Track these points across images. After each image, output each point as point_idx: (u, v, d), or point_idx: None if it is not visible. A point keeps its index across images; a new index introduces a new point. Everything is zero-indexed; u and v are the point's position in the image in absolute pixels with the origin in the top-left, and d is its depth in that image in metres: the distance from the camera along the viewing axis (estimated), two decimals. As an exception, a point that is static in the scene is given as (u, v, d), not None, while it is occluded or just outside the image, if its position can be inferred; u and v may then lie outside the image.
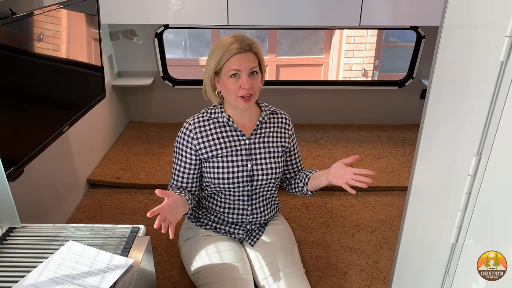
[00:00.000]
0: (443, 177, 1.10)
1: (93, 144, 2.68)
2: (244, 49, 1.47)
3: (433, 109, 1.17)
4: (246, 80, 1.46)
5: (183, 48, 7.67)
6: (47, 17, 1.66)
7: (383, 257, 1.98)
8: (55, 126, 1.76)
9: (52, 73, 1.77)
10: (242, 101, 1.49)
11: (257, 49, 1.51)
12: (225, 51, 1.47)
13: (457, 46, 1.05)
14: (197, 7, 2.56)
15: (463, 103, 1.00)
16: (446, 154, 1.08)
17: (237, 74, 1.47)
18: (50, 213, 2.09)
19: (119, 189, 2.49)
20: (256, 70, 1.50)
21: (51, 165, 2.10)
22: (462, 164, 0.97)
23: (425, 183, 1.23)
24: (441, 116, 1.12)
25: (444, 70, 1.12)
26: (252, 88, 1.48)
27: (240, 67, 1.46)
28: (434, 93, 1.17)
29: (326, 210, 2.33)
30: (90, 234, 1.38)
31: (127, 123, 3.31)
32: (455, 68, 1.06)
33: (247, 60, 1.47)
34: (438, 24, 2.75)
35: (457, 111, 1.02)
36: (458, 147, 1.01)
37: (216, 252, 1.63)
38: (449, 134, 1.06)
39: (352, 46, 6.17)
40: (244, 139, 1.58)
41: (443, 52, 1.12)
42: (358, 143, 3.04)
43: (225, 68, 1.48)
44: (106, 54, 2.90)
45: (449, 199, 1.04)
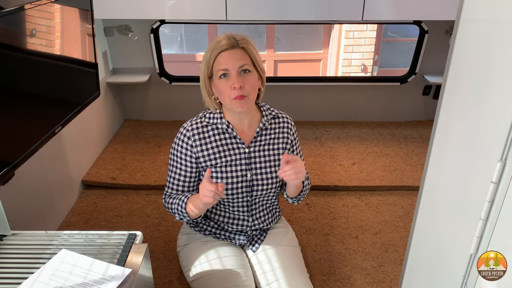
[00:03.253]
0: (461, 182, 1.03)
1: (87, 143, 2.60)
2: (231, 46, 1.37)
3: (449, 107, 1.11)
4: (236, 79, 1.35)
5: (179, 43, 7.56)
6: (39, 12, 1.58)
7: (389, 260, 1.92)
8: (47, 127, 1.68)
9: (43, 71, 1.69)
10: (236, 102, 1.38)
11: (246, 44, 1.40)
12: (213, 50, 1.38)
13: (477, 40, 0.98)
14: (194, 1, 2.48)
15: (483, 101, 0.93)
16: (464, 157, 1.01)
17: (227, 74, 1.37)
18: (43, 217, 2.01)
19: (115, 190, 2.42)
20: (247, 68, 1.38)
21: (43, 166, 2.02)
22: (483, 169, 0.91)
23: (439, 187, 1.17)
24: (458, 114, 1.06)
25: (461, 65, 1.06)
26: (243, 88, 1.36)
27: (228, 65, 1.36)
28: (449, 89, 1.10)
29: (328, 210, 2.26)
30: (84, 241, 1.31)
31: (122, 121, 3.23)
32: (474, 63, 0.99)
33: (234, 57, 1.36)
34: (442, 18, 2.67)
35: (477, 109, 0.96)
36: (478, 149, 0.95)
37: (217, 258, 1.56)
38: (468, 135, 1.00)
39: (352, 41, 6.09)
40: (244, 147, 1.50)
41: (460, 47, 1.05)
42: (359, 140, 2.98)
43: (214, 69, 1.40)
44: (100, 50, 2.81)
45: (468, 207, 0.98)
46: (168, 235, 2.06)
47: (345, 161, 2.71)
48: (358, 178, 2.51)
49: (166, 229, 2.10)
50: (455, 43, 1.07)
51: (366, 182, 2.47)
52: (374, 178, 2.50)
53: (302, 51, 6.89)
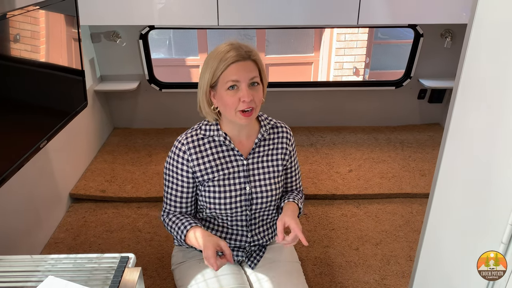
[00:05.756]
0: (477, 201, 0.97)
1: (75, 154, 2.50)
2: (243, 57, 1.31)
3: (462, 114, 1.05)
4: (246, 92, 1.30)
5: (167, 47, 7.45)
6: (23, 17, 1.49)
7: (391, 273, 1.86)
8: (31, 142, 1.58)
9: (27, 79, 1.60)
10: (242, 116, 1.32)
11: (257, 56, 1.35)
12: (221, 60, 1.31)
13: (492, 43, 0.93)
14: (184, 6, 2.40)
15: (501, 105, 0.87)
16: (481, 172, 0.95)
17: (236, 86, 1.31)
18: (28, 234, 1.91)
19: (105, 204, 2.32)
20: (256, 80, 1.33)
21: (28, 180, 1.92)
22: (504, 187, 0.85)
23: (451, 204, 1.10)
24: (473, 123, 1.00)
25: (475, 69, 1.00)
26: (253, 100, 1.31)
27: (239, 77, 1.30)
28: (462, 95, 1.04)
29: (327, 221, 2.20)
30: (73, 266, 1.22)
31: (111, 130, 3.13)
32: (489, 67, 0.94)
33: (246, 69, 1.31)
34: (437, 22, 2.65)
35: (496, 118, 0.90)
36: (497, 163, 0.88)
37: (214, 277, 1.49)
38: (485, 146, 0.94)
39: (343, 44, 6.06)
40: (242, 160, 1.43)
41: (473, 50, 0.99)
42: (355, 146, 2.92)
43: (221, 80, 1.32)
44: (87, 57, 2.71)
45: (486, 228, 0.91)
46: (161, 250, 1.97)
47: (342, 168, 2.65)
48: (355, 186, 2.45)
49: (159, 244, 2.02)
50: (467, 46, 1.01)
51: (364, 190, 2.41)
52: (372, 186, 2.45)
53: (293, 54, 6.84)
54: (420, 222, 2.19)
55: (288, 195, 1.55)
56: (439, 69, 3.01)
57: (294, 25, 2.75)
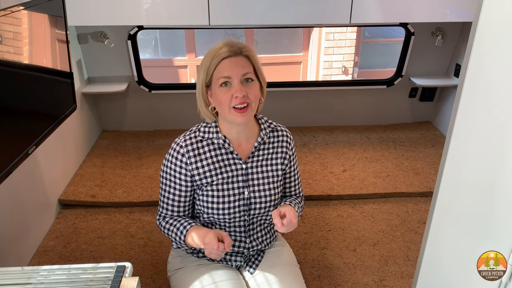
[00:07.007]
0: (485, 203, 0.95)
1: (63, 158, 2.42)
2: (234, 53, 1.29)
3: (467, 114, 1.03)
4: (239, 88, 1.27)
5: (153, 47, 7.35)
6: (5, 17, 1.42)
7: (390, 273, 1.84)
8: (19, 148, 1.51)
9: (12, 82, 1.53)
10: (236, 113, 1.30)
11: (250, 52, 1.33)
12: (214, 57, 1.29)
13: (499, 41, 0.91)
14: (174, 5, 2.35)
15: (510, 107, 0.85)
16: (490, 174, 0.93)
17: (228, 82, 1.29)
18: (17, 243, 1.84)
19: (96, 209, 2.26)
20: (250, 76, 1.31)
21: (15, 187, 1.85)
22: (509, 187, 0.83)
23: (456, 206, 1.09)
24: (480, 123, 0.98)
25: (480, 68, 0.98)
26: (246, 96, 1.28)
27: (231, 73, 1.28)
28: (467, 94, 1.02)
29: (323, 222, 2.17)
30: (67, 278, 1.17)
31: (100, 133, 3.06)
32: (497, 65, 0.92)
33: (238, 65, 1.29)
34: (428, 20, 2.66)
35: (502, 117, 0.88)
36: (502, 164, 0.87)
37: (212, 283, 1.45)
38: (489, 147, 0.92)
39: (332, 43, 6.06)
40: (241, 163, 1.39)
41: (480, 47, 0.97)
42: (348, 146, 2.91)
43: (214, 77, 1.30)
44: (74, 59, 2.64)
45: (493, 230, 0.90)
46: (156, 256, 1.92)
47: (336, 168, 2.63)
48: (350, 186, 2.43)
49: (153, 250, 1.97)
50: (472, 45, 0.99)
51: (359, 190, 2.40)
52: (367, 186, 2.43)
53: (282, 54, 6.81)
54: (416, 221, 2.18)
55: (286, 198, 1.52)
56: (430, 68, 3.01)
57: (287, 24, 2.72)
